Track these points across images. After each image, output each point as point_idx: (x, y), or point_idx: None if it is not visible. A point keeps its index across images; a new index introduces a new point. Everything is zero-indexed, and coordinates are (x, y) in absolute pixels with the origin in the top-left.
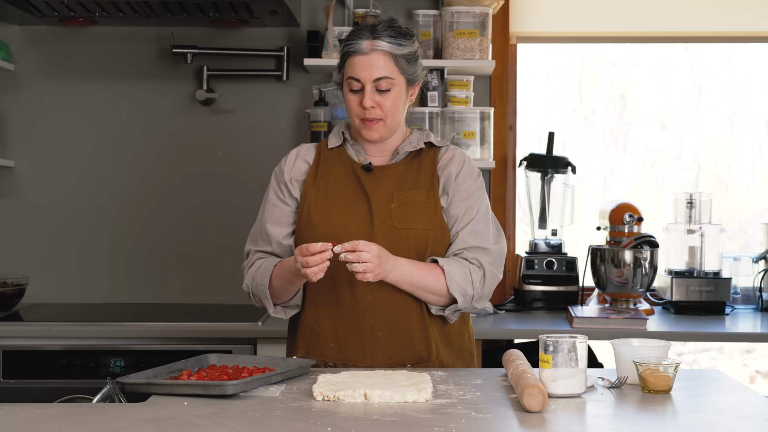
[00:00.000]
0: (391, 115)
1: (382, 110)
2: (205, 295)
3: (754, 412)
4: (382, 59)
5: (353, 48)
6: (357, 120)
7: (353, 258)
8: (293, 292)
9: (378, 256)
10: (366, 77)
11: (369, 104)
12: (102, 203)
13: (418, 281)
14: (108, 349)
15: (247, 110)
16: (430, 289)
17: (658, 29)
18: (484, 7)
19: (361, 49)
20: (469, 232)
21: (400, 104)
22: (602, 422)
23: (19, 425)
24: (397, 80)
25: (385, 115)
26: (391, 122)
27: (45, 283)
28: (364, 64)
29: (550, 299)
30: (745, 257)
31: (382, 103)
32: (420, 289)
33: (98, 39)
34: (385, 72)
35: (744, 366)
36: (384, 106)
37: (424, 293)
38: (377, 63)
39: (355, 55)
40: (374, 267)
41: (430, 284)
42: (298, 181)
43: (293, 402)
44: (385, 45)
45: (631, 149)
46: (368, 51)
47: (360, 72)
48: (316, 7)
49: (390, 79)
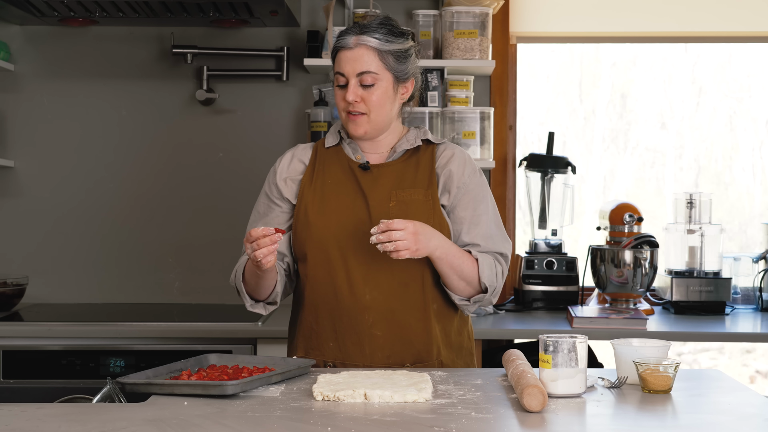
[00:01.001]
0: (376, 110)
1: (367, 105)
2: (205, 295)
3: (754, 412)
4: (367, 54)
5: (340, 43)
6: (343, 114)
7: (384, 238)
8: (264, 286)
9: (414, 233)
10: (350, 71)
11: (351, 98)
12: (102, 203)
13: (458, 264)
14: (108, 349)
15: (247, 110)
16: (465, 275)
17: (658, 29)
18: (484, 7)
19: (347, 44)
20: (482, 236)
21: (387, 101)
22: (602, 422)
23: (19, 425)
24: (382, 76)
25: (369, 110)
26: (376, 117)
27: (45, 283)
28: (349, 59)
29: (550, 299)
30: (745, 257)
31: (366, 97)
32: (456, 272)
33: (98, 39)
34: (369, 67)
35: (744, 366)
36: (368, 101)
37: (457, 279)
38: (361, 58)
39: (342, 50)
40: (409, 244)
41: (466, 270)
42: (294, 181)
43: (293, 402)
44: (372, 41)
45: (631, 149)
46: (353, 46)
47: (344, 66)
48: (316, 7)
49: (374, 74)
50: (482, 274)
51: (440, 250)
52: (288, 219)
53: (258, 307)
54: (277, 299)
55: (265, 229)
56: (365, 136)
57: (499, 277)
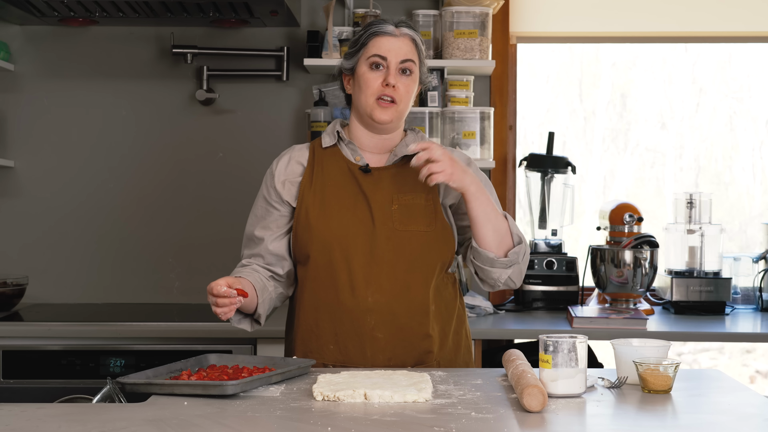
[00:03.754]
0: (405, 101)
1: (398, 94)
2: (205, 295)
3: (754, 412)
4: (409, 44)
5: (381, 29)
6: (372, 99)
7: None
8: (246, 309)
9: (451, 160)
10: (394, 56)
11: (393, 81)
12: (102, 203)
13: (491, 211)
14: (108, 349)
15: (247, 110)
16: (497, 226)
17: (658, 29)
18: (484, 7)
19: (389, 31)
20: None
21: (413, 95)
22: (602, 422)
23: (19, 425)
24: (417, 69)
25: (401, 98)
26: (403, 108)
27: (45, 283)
28: (393, 45)
29: (550, 299)
30: (745, 257)
31: (401, 86)
32: (490, 218)
33: (98, 39)
34: (412, 56)
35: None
36: (401, 90)
37: (490, 226)
38: (406, 46)
39: (383, 35)
40: (445, 165)
41: (498, 220)
42: (293, 183)
43: (293, 402)
44: (413, 33)
45: (631, 149)
46: (397, 34)
47: (388, 50)
48: (316, 7)
49: (414, 63)
50: (512, 228)
51: (474, 186)
52: (287, 222)
53: (244, 323)
54: (261, 320)
55: (227, 291)
56: (389, 124)
57: (526, 245)
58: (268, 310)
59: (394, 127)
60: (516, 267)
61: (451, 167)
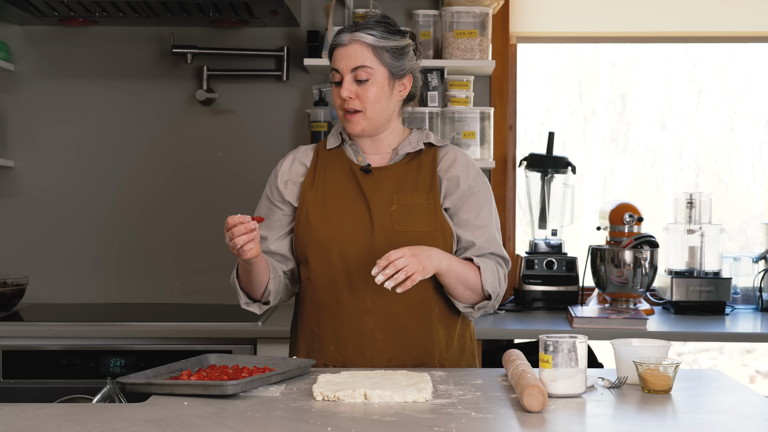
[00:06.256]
0: (371, 106)
1: (362, 102)
2: (205, 295)
3: (754, 412)
4: (361, 50)
5: (336, 41)
6: (340, 113)
7: (391, 269)
8: (256, 283)
9: (413, 255)
10: (344, 67)
11: (345, 94)
12: (102, 203)
13: (463, 273)
14: (108, 349)
15: (247, 110)
16: (470, 284)
17: (658, 29)
18: (484, 7)
19: (342, 42)
20: (486, 238)
21: (383, 97)
22: (602, 422)
23: (19, 425)
24: (376, 71)
25: (365, 106)
26: (372, 114)
27: (45, 283)
28: (343, 55)
29: (550, 299)
30: (745, 257)
31: (361, 94)
32: (462, 282)
33: (98, 39)
34: (363, 62)
35: (744, 366)
36: (363, 97)
37: (463, 288)
38: (355, 53)
39: (338, 47)
40: (415, 266)
41: (471, 278)
42: (295, 183)
43: (293, 402)
44: (367, 37)
45: (631, 149)
46: (348, 42)
47: (339, 63)
48: (316, 7)
49: (368, 69)
50: (485, 281)
51: (444, 263)
52: (290, 222)
53: (253, 306)
54: (270, 298)
55: (241, 217)
56: (363, 134)
57: (501, 281)
58: (277, 291)
59: (377, 131)
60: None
61: (419, 263)
